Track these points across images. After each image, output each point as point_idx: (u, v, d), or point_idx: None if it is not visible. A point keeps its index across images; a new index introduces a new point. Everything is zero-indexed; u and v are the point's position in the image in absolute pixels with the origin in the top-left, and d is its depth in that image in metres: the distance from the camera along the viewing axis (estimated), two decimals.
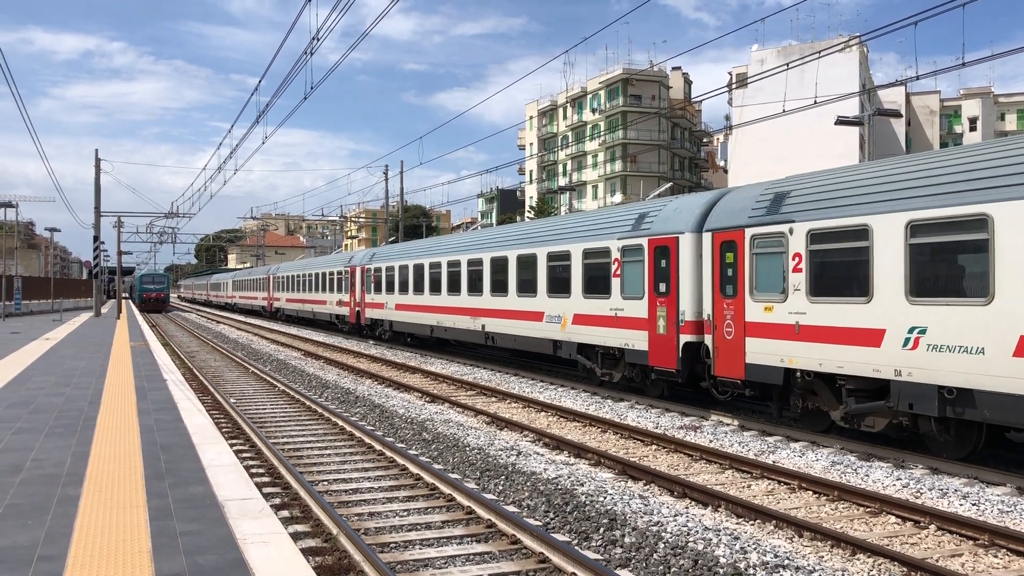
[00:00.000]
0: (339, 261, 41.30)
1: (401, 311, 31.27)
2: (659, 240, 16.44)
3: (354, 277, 37.04)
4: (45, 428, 11.07)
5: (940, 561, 7.81)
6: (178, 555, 5.90)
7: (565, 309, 19.72)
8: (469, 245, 26.01)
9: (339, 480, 11.04)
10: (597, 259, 18.48)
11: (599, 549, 8.23)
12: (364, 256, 37.13)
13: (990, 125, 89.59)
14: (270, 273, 59.36)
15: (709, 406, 16.74)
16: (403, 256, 31.71)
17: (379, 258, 34.70)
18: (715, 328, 14.84)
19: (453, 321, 26.29)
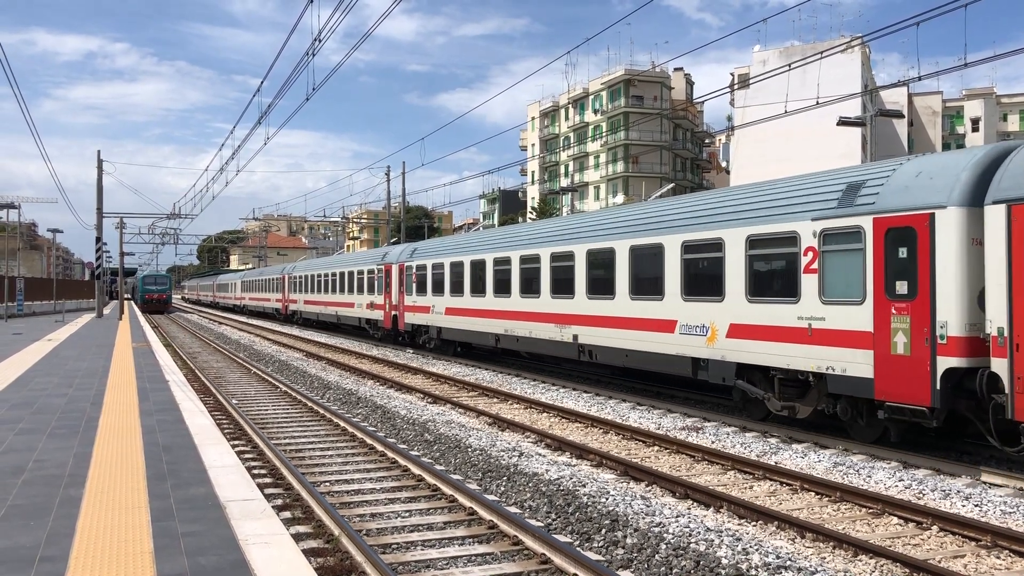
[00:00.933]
0: (370, 258, 36.74)
1: (453, 316, 26.71)
2: (895, 219, 11.74)
3: (389, 276, 32.76)
4: (47, 429, 11.08)
5: (942, 562, 7.81)
6: (180, 556, 5.90)
7: (714, 317, 15.06)
8: (552, 235, 21.30)
9: (341, 481, 11.04)
10: (773, 248, 13.90)
11: (601, 550, 8.23)
12: (402, 252, 32.62)
13: (992, 126, 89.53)
14: (285, 273, 55.13)
15: (712, 408, 16.69)
16: (456, 251, 27.14)
17: (422, 254, 30.12)
18: (1017, 349, 10.22)
19: (529, 329, 21.69)
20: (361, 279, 36.84)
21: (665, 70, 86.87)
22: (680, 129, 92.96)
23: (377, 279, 34.43)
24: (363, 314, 36.66)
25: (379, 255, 35.42)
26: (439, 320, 27.88)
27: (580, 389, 19.79)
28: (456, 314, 26.56)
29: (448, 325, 27.28)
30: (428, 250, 29.97)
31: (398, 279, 31.93)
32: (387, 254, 34.25)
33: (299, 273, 50.68)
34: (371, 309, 35.39)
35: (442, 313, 27.59)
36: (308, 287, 47.97)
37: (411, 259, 30.85)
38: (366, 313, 36.19)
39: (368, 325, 36.34)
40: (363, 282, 36.52)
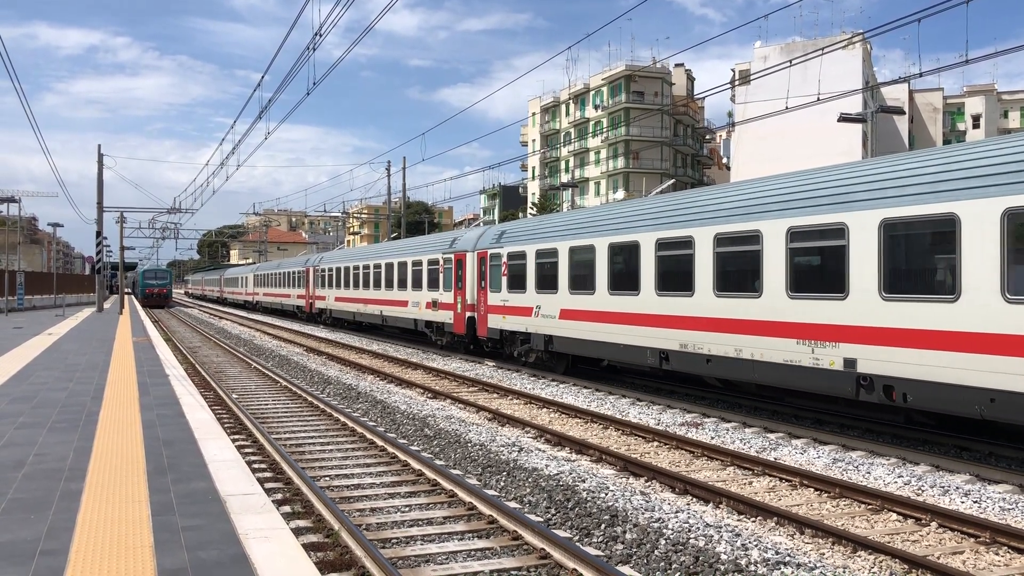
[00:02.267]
0: (431, 246, 30.07)
1: (574, 321, 19.96)
2: None
3: (462, 268, 26.29)
4: (48, 423, 11.09)
5: (941, 558, 7.82)
6: (180, 550, 5.91)
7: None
8: (792, 197, 13.91)
9: (341, 476, 11.05)
10: None
11: (600, 545, 8.24)
12: (482, 237, 25.77)
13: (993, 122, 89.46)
14: (310, 265, 47.61)
15: (711, 404, 16.71)
16: (579, 231, 20.17)
17: (518, 237, 23.33)
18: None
19: (737, 345, 14.65)
20: (418, 272, 30.18)
21: (666, 66, 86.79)
22: (681, 125, 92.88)
23: (444, 271, 27.72)
24: (421, 315, 29.84)
25: (444, 241, 29.06)
26: (547, 326, 21.09)
27: (580, 385, 19.80)
28: (580, 318, 19.73)
29: (564, 333, 20.45)
30: (527, 232, 23.05)
31: (476, 271, 25.28)
32: (457, 240, 27.64)
33: (329, 265, 43.66)
34: (433, 309, 28.52)
35: (553, 316, 20.86)
36: (341, 281, 40.92)
37: (498, 244, 24.08)
38: (425, 314, 29.37)
39: (429, 329, 29.50)
40: (420, 275, 29.90)
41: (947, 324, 11.06)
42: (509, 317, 23.29)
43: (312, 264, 47.34)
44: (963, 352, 10.85)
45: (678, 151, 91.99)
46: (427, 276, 29.30)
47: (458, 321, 26.62)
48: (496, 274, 24.13)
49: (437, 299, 28.27)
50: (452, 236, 29.12)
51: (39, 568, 5.53)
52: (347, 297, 40.03)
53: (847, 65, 61.22)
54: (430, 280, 29.00)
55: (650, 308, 17.07)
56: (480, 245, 25.45)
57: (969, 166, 11.05)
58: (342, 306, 40.92)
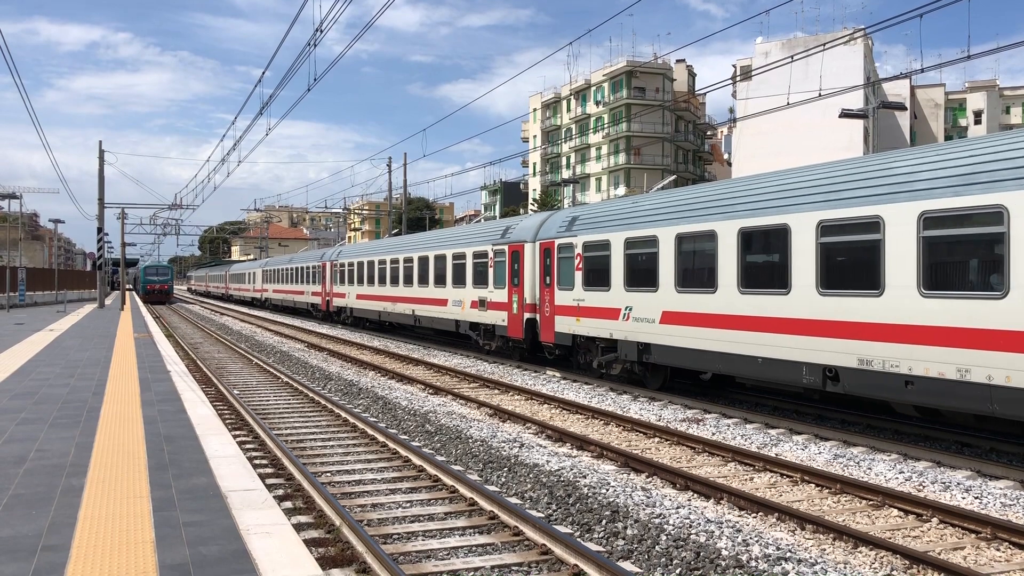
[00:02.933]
0: (477, 236, 25.86)
1: (689, 326, 15.93)
2: None
3: (518, 261, 22.44)
4: (49, 419, 11.10)
5: (942, 554, 7.82)
6: (181, 545, 5.92)
7: None
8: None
9: (342, 472, 11.06)
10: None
11: (601, 541, 8.25)
12: (546, 225, 21.80)
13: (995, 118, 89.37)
14: (327, 260, 43.65)
15: (712, 400, 16.72)
16: (691, 215, 16.16)
17: (595, 223, 19.35)
18: None
19: (964, 362, 10.88)
20: (460, 266, 26.47)
21: (667, 62, 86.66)
22: (682, 121, 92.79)
23: (494, 265, 24.06)
24: (464, 316, 26.05)
25: (493, 231, 25.04)
26: (643, 331, 17.15)
27: (581, 381, 19.81)
28: (692, 323, 15.81)
29: (668, 341, 16.51)
30: (611, 216, 18.85)
31: (538, 265, 21.74)
32: (512, 229, 23.78)
33: (350, 259, 39.69)
34: (480, 309, 24.87)
35: (651, 320, 16.83)
36: (364, 277, 37.06)
37: (568, 233, 20.24)
38: (470, 315, 25.65)
39: (475, 332, 25.78)
40: (463, 270, 26.16)
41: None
42: (585, 320, 19.33)
43: (330, 258, 43.18)
44: None
45: (679, 147, 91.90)
46: (472, 271, 25.36)
47: (513, 323, 22.76)
48: (567, 268, 20.26)
49: (485, 297, 24.37)
50: (503, 225, 24.86)
51: (41, 563, 5.54)
52: (372, 294, 36.03)
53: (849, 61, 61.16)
54: (476, 275, 25.13)
55: (808, 311, 13.21)
56: (544, 234, 21.51)
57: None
58: (365, 304, 36.94)
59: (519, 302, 22.56)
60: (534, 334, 22.06)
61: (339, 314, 42.09)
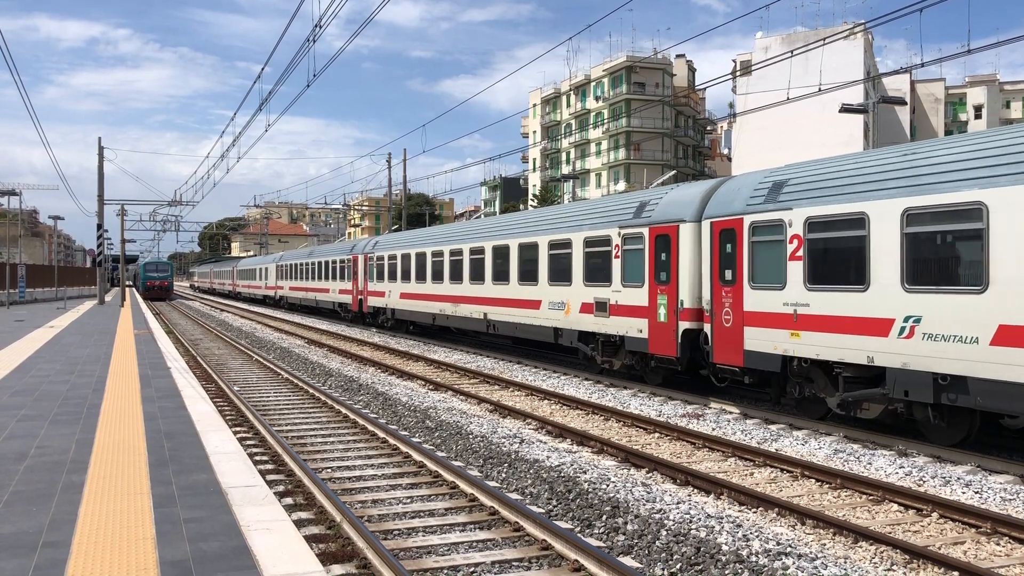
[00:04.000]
0: (589, 216, 19.70)
1: None
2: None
3: (668, 251, 16.51)
4: (50, 415, 11.11)
5: (942, 549, 7.82)
6: (182, 542, 5.92)
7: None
8: None
9: (342, 468, 11.07)
10: None
11: (602, 536, 8.25)
12: (724, 197, 15.36)
13: (995, 113, 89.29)
14: (359, 252, 37.72)
15: (713, 395, 16.72)
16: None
17: (845, 187, 12.77)
18: None
19: None
20: (562, 257, 20.39)
21: (667, 57, 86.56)
22: (682, 116, 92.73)
23: (622, 256, 17.90)
24: (567, 322, 20.06)
25: (622, 209, 18.38)
26: (954, 356, 10.99)
27: (581, 376, 19.81)
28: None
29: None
30: (856, 177, 12.67)
31: (709, 253, 15.40)
32: (650, 205, 17.39)
33: (390, 251, 33.69)
34: (597, 315, 18.73)
35: (971, 339, 10.76)
36: (412, 272, 30.94)
37: (773, 205, 13.94)
38: (578, 321, 19.57)
39: (587, 344, 19.49)
40: (567, 261, 20.11)
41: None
42: (811, 335, 13.21)
43: (364, 250, 37.09)
44: None
45: (679, 142, 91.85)
46: (583, 264, 19.32)
47: (660, 336, 16.61)
48: (770, 258, 13.97)
49: (607, 299, 18.31)
50: (635, 200, 18.30)
51: (42, 560, 5.54)
52: (422, 293, 29.77)
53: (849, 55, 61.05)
54: (590, 270, 19.17)
55: None
56: (718, 210, 15.21)
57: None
58: (413, 305, 30.69)
59: (670, 306, 16.38)
60: (695, 351, 16.05)
61: (375, 316, 35.88)
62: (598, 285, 18.79)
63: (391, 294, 33.23)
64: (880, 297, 12.05)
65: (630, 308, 17.61)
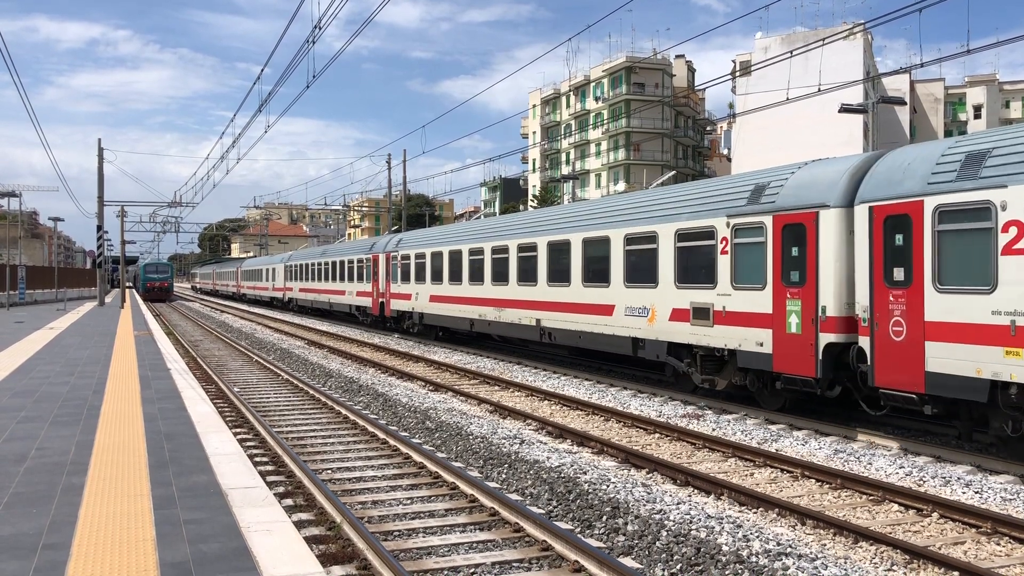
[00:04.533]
0: (690, 204, 16.19)
1: None
2: None
3: (803, 244, 13.23)
4: (50, 417, 11.11)
5: (943, 549, 7.82)
6: (182, 543, 5.92)
7: None
8: None
9: (343, 469, 11.06)
10: None
11: (602, 537, 8.25)
12: (880, 173, 12.15)
13: (995, 113, 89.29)
14: (381, 251, 34.49)
15: (713, 396, 16.71)
16: None
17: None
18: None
19: None
20: (644, 253, 17.10)
21: (667, 57, 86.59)
22: (682, 116, 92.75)
23: (739, 250, 14.57)
24: (656, 331, 16.60)
25: (732, 190, 15.15)
26: None
27: (581, 377, 19.80)
28: None
29: None
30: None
31: (873, 246, 12.09)
32: (770, 188, 14.19)
33: (418, 249, 30.54)
34: (700, 323, 15.39)
35: None
36: (444, 272, 27.69)
37: (954, 181, 11.01)
38: (672, 331, 16.15)
39: (676, 357, 16.27)
40: (652, 259, 16.78)
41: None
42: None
43: (386, 249, 34.02)
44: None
45: (679, 143, 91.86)
46: (675, 261, 15.96)
47: (792, 351, 13.25)
48: (973, 255, 10.81)
49: (710, 304, 15.08)
50: (749, 181, 14.86)
51: (42, 561, 5.54)
52: (458, 296, 26.60)
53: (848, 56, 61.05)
54: (684, 269, 15.87)
55: None
56: (892, 189, 11.86)
57: None
58: (445, 309, 27.68)
59: (805, 314, 13.10)
60: (840, 370, 12.87)
61: (400, 320, 32.80)
62: (696, 287, 15.51)
63: (419, 296, 30.11)
64: None
65: (744, 316, 14.31)
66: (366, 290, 36.58)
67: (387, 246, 34.14)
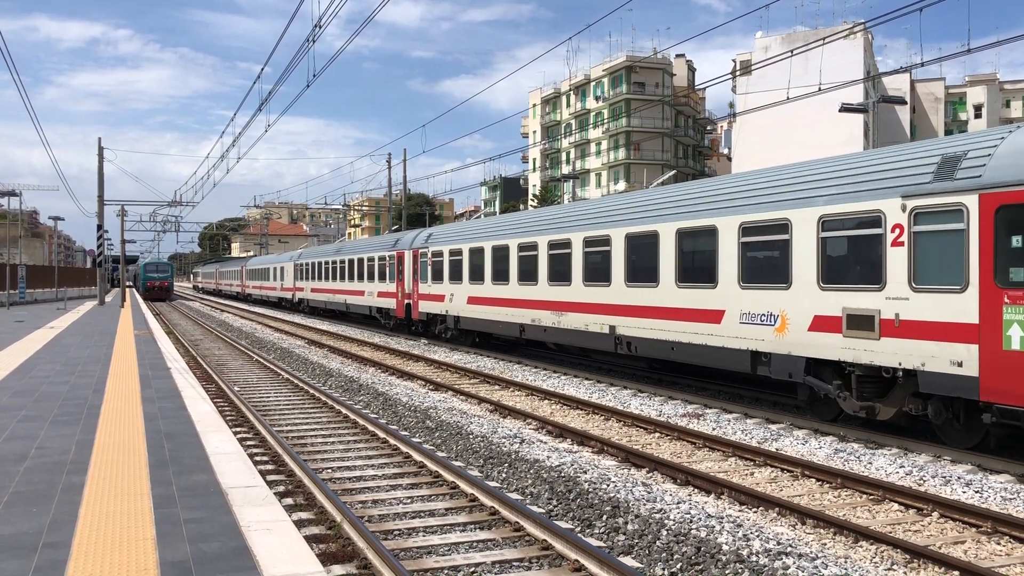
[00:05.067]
0: (821, 182, 13.16)
1: None
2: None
3: (988, 233, 10.35)
4: (50, 416, 11.11)
5: (943, 548, 7.82)
6: (182, 542, 5.92)
7: None
8: None
9: (343, 468, 11.07)
10: None
11: (602, 536, 8.25)
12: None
13: (995, 112, 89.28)
14: (406, 247, 31.64)
15: (713, 395, 16.73)
16: None
17: None
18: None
19: None
20: (765, 247, 14.27)
21: (667, 56, 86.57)
22: (682, 116, 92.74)
23: (921, 241, 11.46)
24: (787, 344, 13.58)
25: (913, 162, 11.79)
26: None
27: (581, 376, 19.80)
28: None
29: None
30: None
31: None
32: (967, 159, 10.89)
33: (453, 245, 27.41)
34: (851, 334, 12.36)
35: None
36: (486, 271, 24.77)
37: None
38: (808, 342, 13.18)
39: (825, 380, 13.09)
40: (783, 252, 13.77)
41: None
42: None
43: (413, 245, 30.92)
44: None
45: (679, 142, 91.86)
46: (818, 255, 12.91)
47: (1013, 375, 10.18)
48: None
49: (875, 310, 11.99)
50: (934, 151, 11.72)
51: (42, 561, 5.54)
52: (503, 298, 23.46)
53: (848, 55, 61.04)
54: (831, 264, 12.88)
55: None
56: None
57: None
58: (488, 312, 24.52)
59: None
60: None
61: (429, 324, 29.67)
62: (851, 288, 12.38)
63: (454, 298, 26.99)
64: None
65: (930, 326, 11.16)
66: (389, 290, 33.34)
67: (414, 242, 31.15)
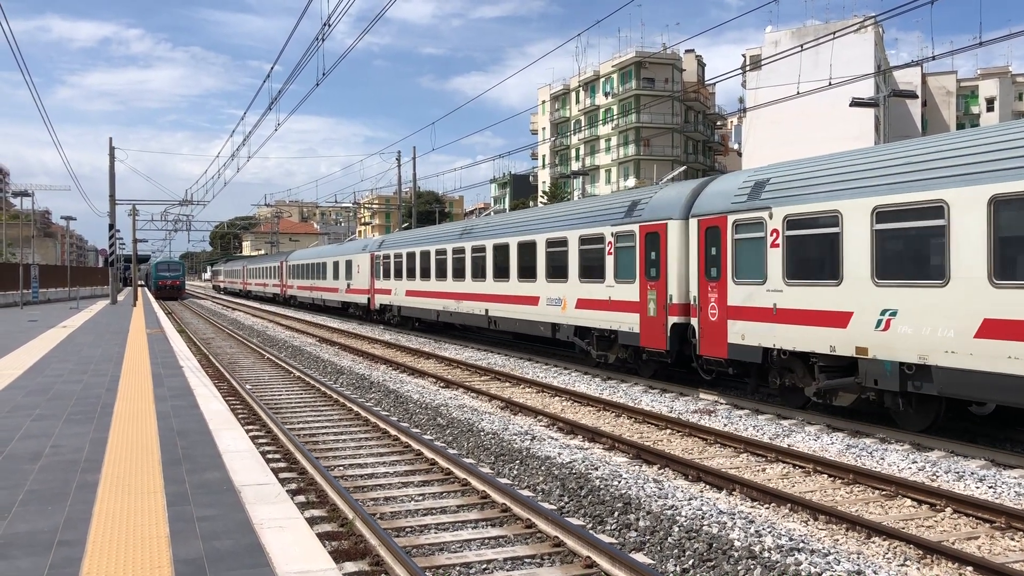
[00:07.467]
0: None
1: None
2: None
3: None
4: (64, 415, 11.17)
5: (956, 544, 7.79)
6: (195, 540, 5.95)
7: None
8: None
9: (355, 465, 11.10)
10: None
11: (614, 533, 8.25)
12: None
13: (1008, 105, 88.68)
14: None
15: (724, 391, 16.68)
16: None
17: None
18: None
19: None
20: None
21: (676, 52, 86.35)
22: (692, 111, 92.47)
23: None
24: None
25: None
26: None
27: (591, 373, 19.79)
28: None
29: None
30: None
31: None
32: None
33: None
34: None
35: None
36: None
37: None
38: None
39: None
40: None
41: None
42: None
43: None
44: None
45: (689, 138, 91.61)
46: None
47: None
48: None
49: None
50: None
51: (57, 558, 5.58)
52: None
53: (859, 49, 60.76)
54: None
55: None
56: None
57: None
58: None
59: None
60: None
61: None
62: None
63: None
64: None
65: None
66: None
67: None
